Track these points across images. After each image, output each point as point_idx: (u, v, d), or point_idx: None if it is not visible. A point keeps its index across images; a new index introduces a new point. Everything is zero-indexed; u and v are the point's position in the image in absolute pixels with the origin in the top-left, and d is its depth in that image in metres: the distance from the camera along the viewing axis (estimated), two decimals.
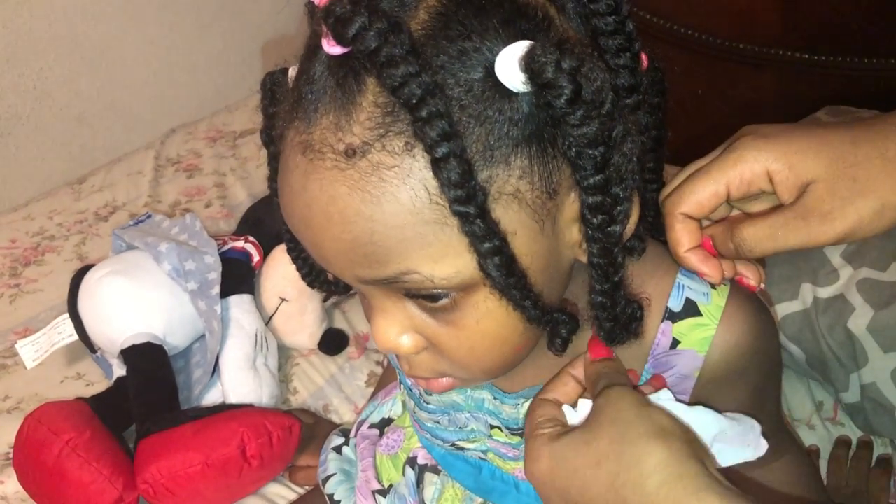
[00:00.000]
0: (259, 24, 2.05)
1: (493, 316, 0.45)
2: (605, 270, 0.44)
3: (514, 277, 0.42)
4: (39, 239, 1.50)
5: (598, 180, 0.41)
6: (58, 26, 1.70)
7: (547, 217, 0.43)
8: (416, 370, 0.51)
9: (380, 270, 0.43)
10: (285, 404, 1.11)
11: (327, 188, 0.41)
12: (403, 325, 0.47)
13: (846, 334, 0.91)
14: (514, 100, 0.40)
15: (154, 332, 1.04)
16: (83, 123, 1.80)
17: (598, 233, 0.43)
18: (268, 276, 1.15)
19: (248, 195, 1.57)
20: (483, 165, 0.40)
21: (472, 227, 0.40)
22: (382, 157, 0.39)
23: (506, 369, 0.51)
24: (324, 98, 0.41)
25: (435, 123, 0.38)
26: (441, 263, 0.42)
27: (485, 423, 0.63)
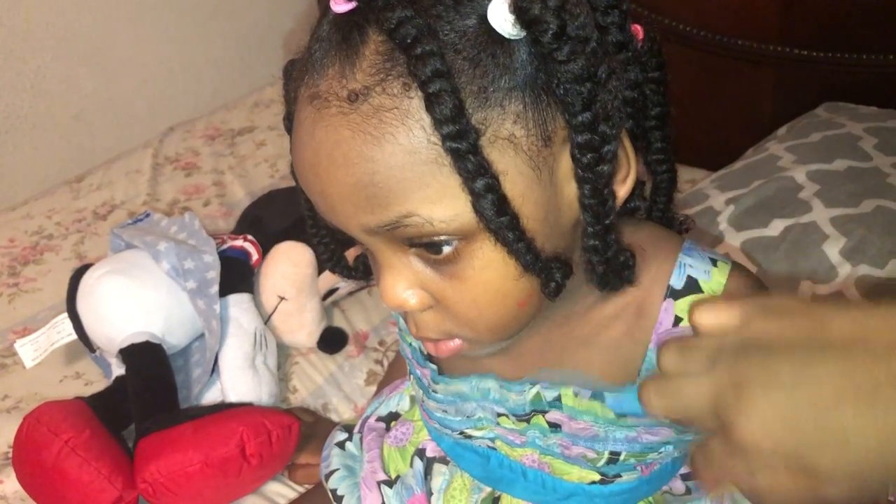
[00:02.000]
0: (257, 23, 2.05)
1: (494, 266, 0.46)
2: (595, 211, 0.46)
3: (506, 217, 0.43)
4: (38, 238, 1.50)
5: (585, 118, 0.43)
6: (55, 25, 1.70)
7: (543, 166, 0.45)
8: (424, 330, 0.52)
9: (382, 214, 0.44)
10: (284, 403, 1.11)
11: (332, 133, 0.43)
12: (409, 280, 0.48)
13: None
14: (507, 46, 0.42)
15: (153, 331, 1.04)
16: (81, 122, 1.80)
17: (588, 172, 0.44)
18: (266, 274, 1.15)
19: (246, 193, 1.57)
20: (478, 107, 0.42)
21: (464, 164, 0.42)
22: (382, 99, 0.42)
23: (510, 329, 0.51)
24: (330, 52, 0.44)
25: (428, 61, 0.40)
26: (439, 205, 0.43)
27: (491, 411, 0.63)
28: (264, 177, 1.64)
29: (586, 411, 0.59)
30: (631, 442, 0.60)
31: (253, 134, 1.80)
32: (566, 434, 0.61)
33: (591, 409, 0.59)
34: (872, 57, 1.29)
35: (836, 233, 0.97)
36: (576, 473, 0.64)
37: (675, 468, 0.70)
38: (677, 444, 0.62)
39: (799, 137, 1.20)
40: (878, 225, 0.96)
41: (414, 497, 0.73)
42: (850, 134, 1.15)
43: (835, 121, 1.21)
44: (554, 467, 0.64)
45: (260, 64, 2.06)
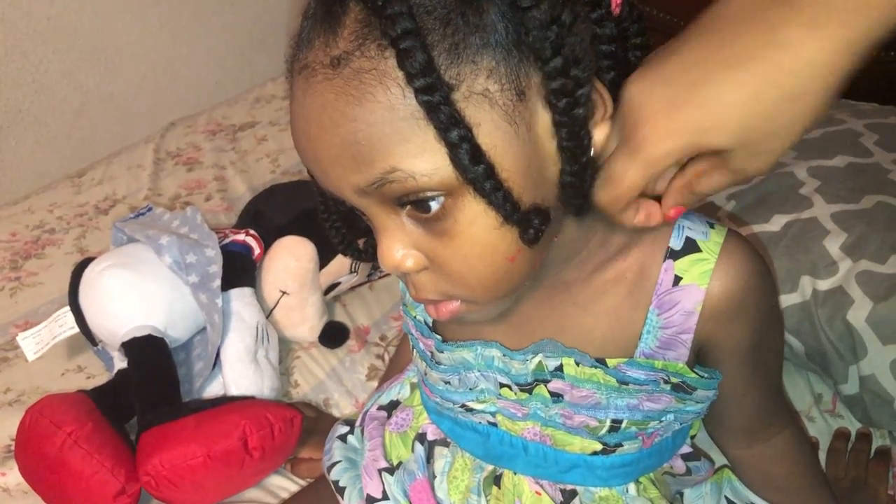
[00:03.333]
0: (258, 17, 2.05)
1: (479, 220, 0.48)
2: (573, 153, 0.47)
3: (481, 166, 0.45)
4: (39, 232, 1.50)
5: (557, 63, 0.45)
6: (57, 19, 1.70)
7: (520, 120, 0.46)
8: (422, 292, 0.53)
9: (367, 172, 0.46)
10: (286, 397, 1.11)
11: (318, 98, 0.46)
12: (404, 242, 0.50)
13: (845, 326, 0.92)
14: (476, 6, 0.44)
15: (155, 325, 1.04)
16: (83, 117, 1.80)
17: (565, 116, 0.46)
18: (268, 269, 1.16)
19: (248, 188, 1.57)
20: (450, 64, 0.44)
21: (437, 115, 0.44)
22: (361, 62, 0.44)
23: (504, 285, 0.52)
24: (315, 26, 0.47)
25: (398, 20, 0.42)
26: (420, 159, 0.45)
27: (494, 381, 0.65)
28: (265, 172, 1.64)
29: (588, 379, 0.61)
30: (632, 409, 0.62)
31: (254, 129, 1.81)
32: (568, 403, 0.62)
33: (593, 376, 0.61)
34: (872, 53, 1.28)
35: (836, 228, 0.97)
36: (577, 444, 0.65)
37: (675, 444, 0.71)
38: (678, 413, 0.64)
39: None
40: (879, 221, 0.96)
41: (416, 482, 0.74)
42: (850, 130, 1.15)
43: (835, 117, 1.21)
44: (556, 439, 0.65)
45: (261, 59, 2.06)
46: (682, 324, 0.59)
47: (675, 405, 0.62)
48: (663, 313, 0.59)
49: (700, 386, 0.62)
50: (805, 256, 0.97)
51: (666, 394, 0.61)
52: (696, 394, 0.62)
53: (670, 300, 0.58)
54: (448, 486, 0.72)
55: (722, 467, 0.76)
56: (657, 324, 0.59)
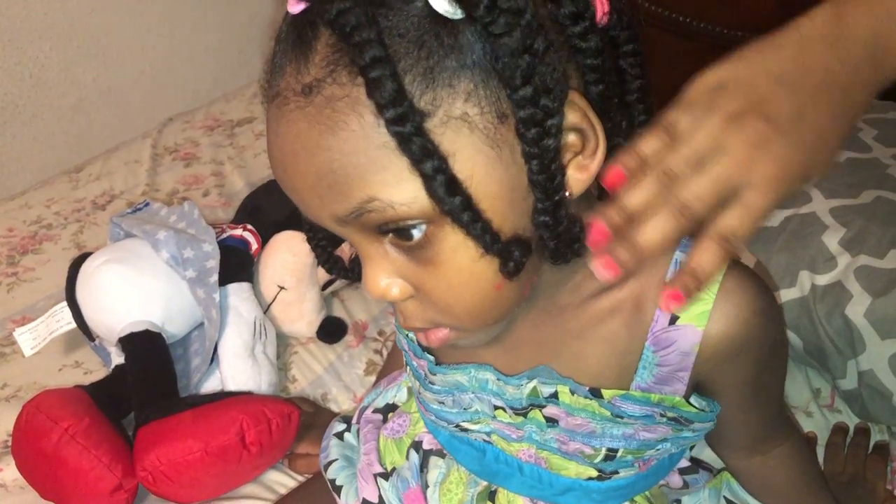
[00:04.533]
0: (256, 13, 2.04)
1: (463, 249, 0.46)
2: (545, 187, 0.45)
3: (458, 197, 0.43)
4: (37, 228, 1.50)
5: (526, 92, 0.43)
6: (54, 14, 1.70)
7: (503, 143, 0.45)
8: (410, 320, 0.52)
9: (345, 202, 0.45)
10: (284, 392, 1.11)
11: (292, 127, 0.45)
12: (388, 270, 0.49)
13: (844, 321, 0.92)
14: (451, 27, 0.43)
15: (152, 320, 1.04)
16: (80, 112, 1.80)
17: (534, 147, 0.44)
18: (266, 264, 1.15)
19: (245, 184, 1.57)
20: (425, 88, 0.42)
21: (408, 147, 0.42)
22: (333, 89, 0.43)
23: (491, 313, 0.51)
24: (287, 51, 0.46)
25: (366, 48, 0.41)
26: (398, 188, 0.44)
27: (489, 403, 0.63)
28: (263, 167, 1.63)
29: (583, 409, 0.59)
30: (628, 439, 0.60)
31: (252, 125, 1.80)
32: (563, 429, 0.61)
33: (588, 406, 0.59)
34: None
35: (835, 223, 0.97)
36: (573, 469, 0.63)
37: (672, 463, 0.70)
38: (675, 441, 0.62)
39: None
40: (878, 216, 0.96)
41: (409, 490, 0.73)
42: None
43: None
44: (550, 462, 0.64)
45: (259, 54, 2.06)
46: (679, 363, 0.57)
47: (672, 434, 0.61)
48: (659, 350, 0.56)
49: (698, 419, 0.60)
50: (804, 251, 0.97)
51: (662, 425, 0.60)
52: (693, 425, 0.61)
53: (666, 339, 0.56)
54: (441, 498, 0.71)
55: (721, 471, 0.75)
56: (653, 360, 0.57)
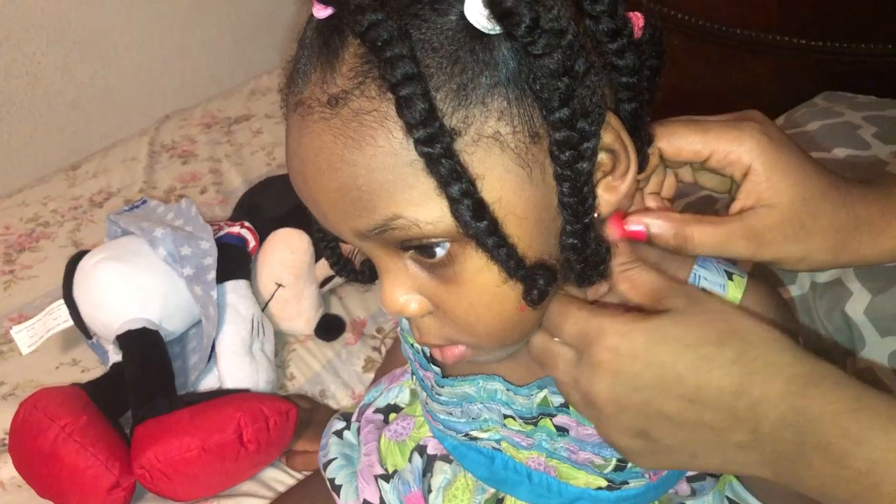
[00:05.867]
0: (254, 9, 2.04)
1: (488, 269, 0.45)
2: (575, 210, 0.45)
3: (484, 222, 0.42)
4: (34, 225, 1.49)
5: (563, 114, 0.42)
6: (50, 11, 1.69)
7: (534, 163, 0.43)
8: (426, 336, 0.51)
9: (369, 218, 0.44)
10: (282, 390, 1.11)
11: (316, 139, 0.43)
12: (407, 286, 0.48)
13: (844, 319, 0.91)
14: (487, 42, 0.41)
15: (150, 318, 1.03)
16: (77, 109, 1.79)
17: (567, 170, 0.43)
18: (264, 261, 1.15)
19: (243, 181, 1.57)
20: (457, 106, 0.41)
21: (436, 168, 0.41)
22: (361, 102, 0.41)
23: (513, 335, 0.50)
24: (312, 58, 0.44)
25: (398, 65, 0.39)
26: (425, 207, 0.42)
27: (498, 412, 0.62)
28: (261, 165, 1.63)
29: None
30: None
31: (250, 122, 1.80)
32: (573, 438, 0.60)
33: None
34: (871, 46, 1.28)
35: None
36: (582, 478, 0.62)
37: (682, 472, 0.70)
38: None
39: (797, 126, 1.19)
40: None
41: (411, 493, 0.72)
42: (849, 122, 1.15)
43: (833, 109, 1.21)
44: (560, 471, 0.63)
45: (257, 51, 2.05)
46: None
47: None
48: None
49: None
50: None
51: None
52: None
53: None
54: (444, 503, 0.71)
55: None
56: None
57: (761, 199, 0.50)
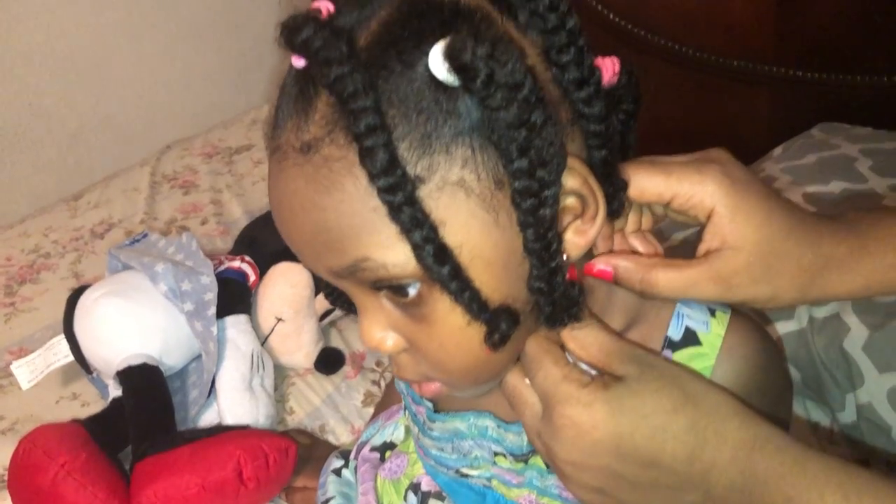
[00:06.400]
0: (254, 40, 2.05)
1: (456, 310, 0.46)
2: (540, 255, 0.46)
3: (446, 267, 0.43)
4: (35, 256, 1.50)
5: (522, 164, 0.43)
6: (55, 43, 1.71)
7: (500, 209, 0.45)
8: (403, 372, 0.53)
9: (340, 259, 0.45)
10: (282, 424, 1.11)
11: (290, 183, 0.45)
12: (382, 323, 0.49)
13: (842, 354, 0.92)
14: (451, 93, 0.42)
15: (150, 353, 1.04)
16: (78, 139, 1.81)
17: (530, 217, 0.44)
18: (264, 295, 1.15)
19: (243, 212, 1.57)
20: (423, 154, 0.43)
21: (398, 216, 0.42)
22: (331, 150, 0.43)
23: (484, 374, 0.51)
24: (289, 105, 0.46)
25: (362, 116, 0.41)
26: (391, 250, 0.44)
27: (488, 450, 0.63)
28: (262, 195, 1.64)
29: None
30: None
31: (250, 152, 1.81)
32: None
33: None
34: (867, 78, 1.29)
35: None
36: None
37: None
38: None
39: (795, 158, 1.20)
40: None
41: None
42: (845, 155, 1.16)
43: (830, 142, 1.22)
44: None
45: (257, 81, 2.07)
46: None
47: None
48: None
49: None
50: None
51: None
52: None
53: None
54: None
55: None
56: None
57: (726, 242, 0.51)
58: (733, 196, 0.50)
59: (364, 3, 0.45)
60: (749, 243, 0.50)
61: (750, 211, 0.50)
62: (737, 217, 0.50)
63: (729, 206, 0.50)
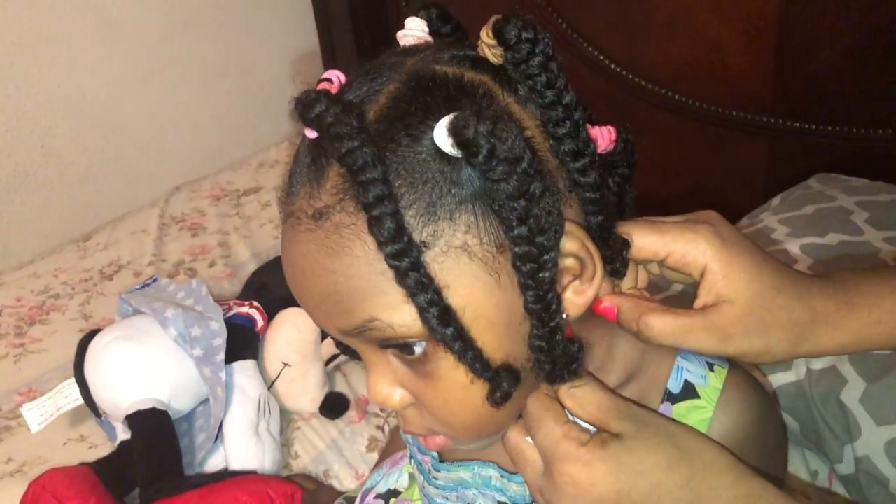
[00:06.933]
0: (262, 85, 2.09)
1: (459, 368, 0.48)
2: (540, 316, 0.48)
3: (451, 328, 0.46)
4: (44, 298, 1.52)
5: (522, 231, 0.45)
6: (67, 86, 1.74)
7: (502, 271, 0.47)
8: (408, 426, 0.55)
9: (349, 320, 0.48)
10: (286, 469, 1.12)
11: (302, 247, 0.48)
12: (389, 379, 0.51)
13: (839, 406, 0.93)
14: (455, 164, 0.45)
15: (159, 398, 1.05)
16: (89, 180, 1.83)
17: (530, 280, 0.47)
18: (272, 340, 1.17)
19: (251, 254, 1.60)
20: (427, 221, 0.45)
21: (404, 280, 0.44)
22: (342, 217, 0.46)
23: (487, 429, 0.53)
24: (302, 174, 0.49)
25: (370, 187, 0.43)
26: (398, 311, 0.46)
27: (493, 499, 0.64)
28: (269, 237, 1.66)
29: None
30: None
31: (258, 194, 1.84)
32: None
33: None
34: (862, 130, 1.32)
35: None
36: None
37: None
38: None
39: (792, 209, 1.22)
40: None
41: None
42: (842, 208, 1.18)
43: (827, 193, 1.24)
44: None
45: (265, 124, 2.10)
46: None
47: None
48: None
49: None
50: None
51: None
52: None
53: None
54: None
55: None
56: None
57: (721, 296, 0.53)
58: (725, 253, 0.53)
59: (374, 77, 0.49)
60: (742, 297, 0.53)
61: (741, 267, 0.53)
62: (729, 273, 0.53)
63: (721, 262, 0.53)
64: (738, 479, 0.50)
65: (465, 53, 0.50)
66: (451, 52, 0.50)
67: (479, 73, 0.49)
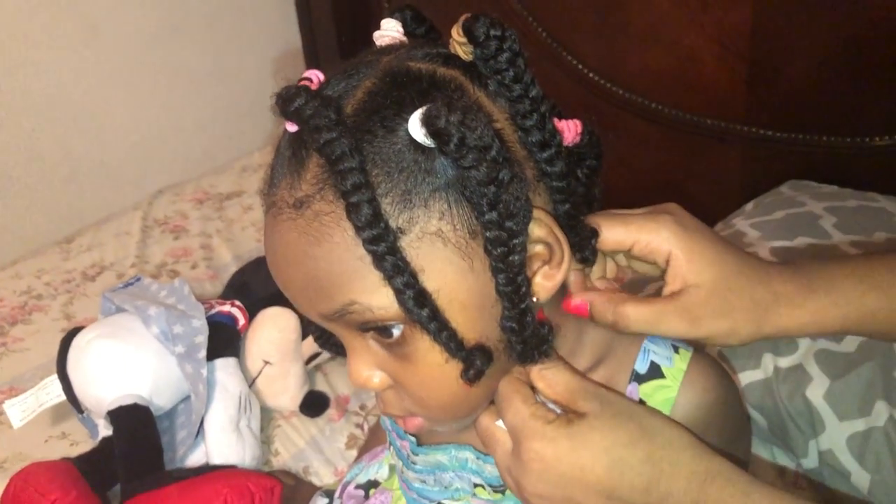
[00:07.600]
0: (246, 88, 2.10)
1: (435, 350, 0.51)
2: (511, 298, 0.51)
3: (426, 309, 0.48)
4: (27, 298, 1.53)
5: (492, 216, 0.48)
6: (51, 89, 1.75)
7: (474, 256, 0.50)
8: (388, 407, 0.57)
9: (329, 304, 0.50)
10: (267, 466, 1.13)
11: (284, 236, 0.50)
12: (369, 362, 0.54)
13: (804, 402, 0.96)
14: (429, 154, 0.48)
15: (141, 394, 1.06)
16: (72, 183, 1.84)
17: (500, 263, 0.49)
18: (252, 339, 1.19)
19: (233, 257, 1.61)
20: (404, 208, 0.48)
21: (381, 264, 0.47)
22: (322, 205, 0.48)
23: (462, 409, 0.56)
24: (283, 166, 0.51)
25: (348, 176, 0.46)
26: (376, 294, 0.49)
27: (468, 481, 0.66)
28: (251, 240, 1.68)
29: None
30: None
31: (241, 198, 1.85)
32: None
33: None
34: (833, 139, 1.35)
35: None
36: None
37: None
38: None
39: (764, 214, 1.26)
40: None
41: None
42: (811, 213, 1.21)
43: (797, 199, 1.27)
44: None
45: (249, 129, 2.11)
46: None
47: None
48: None
49: None
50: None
51: None
52: None
53: None
54: None
55: None
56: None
57: (687, 281, 0.56)
58: (687, 240, 0.56)
59: (351, 74, 0.52)
60: (706, 280, 0.56)
61: (703, 252, 0.56)
62: (693, 258, 0.56)
63: (684, 249, 0.56)
64: (698, 455, 0.52)
65: (438, 51, 0.53)
66: (425, 49, 0.53)
67: (451, 68, 0.52)
